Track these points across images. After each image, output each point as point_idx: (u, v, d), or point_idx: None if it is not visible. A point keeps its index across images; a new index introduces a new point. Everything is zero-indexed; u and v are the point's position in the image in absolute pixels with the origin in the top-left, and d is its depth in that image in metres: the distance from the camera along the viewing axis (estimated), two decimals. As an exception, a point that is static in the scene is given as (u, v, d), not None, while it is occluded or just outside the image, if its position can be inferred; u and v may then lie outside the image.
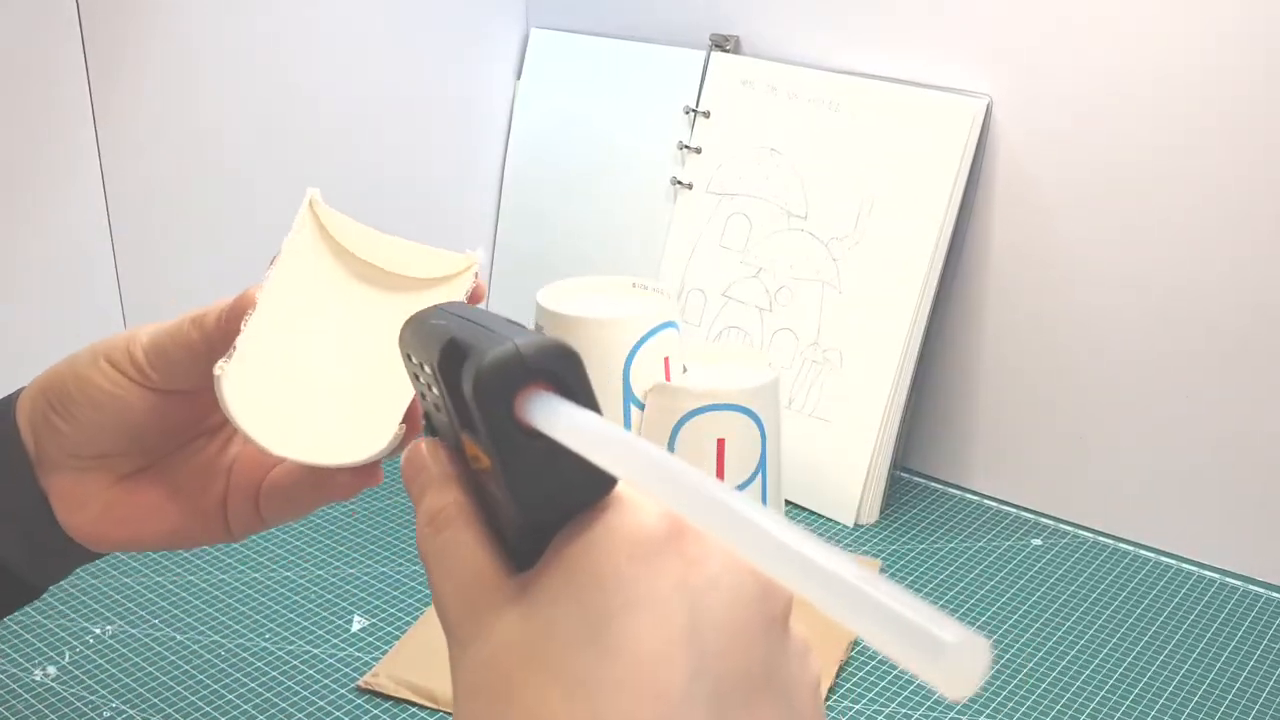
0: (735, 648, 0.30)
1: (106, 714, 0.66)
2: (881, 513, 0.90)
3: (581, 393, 0.31)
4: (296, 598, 0.78)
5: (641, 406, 0.74)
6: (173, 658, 0.71)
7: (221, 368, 0.47)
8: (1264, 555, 0.81)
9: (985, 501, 0.92)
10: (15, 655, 0.71)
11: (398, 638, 0.73)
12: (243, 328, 0.48)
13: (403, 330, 0.37)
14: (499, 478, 0.31)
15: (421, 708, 0.67)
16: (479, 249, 0.53)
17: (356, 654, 0.72)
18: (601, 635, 0.29)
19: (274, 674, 0.70)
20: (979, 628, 0.76)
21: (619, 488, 0.32)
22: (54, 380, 0.50)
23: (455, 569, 0.33)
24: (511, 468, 0.31)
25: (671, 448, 0.73)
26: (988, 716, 0.68)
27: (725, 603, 0.30)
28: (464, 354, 0.32)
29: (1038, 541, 0.87)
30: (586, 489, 0.31)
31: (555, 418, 0.30)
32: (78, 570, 0.56)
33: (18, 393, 0.52)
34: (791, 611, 0.32)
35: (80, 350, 0.51)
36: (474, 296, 0.52)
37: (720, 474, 0.73)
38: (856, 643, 0.74)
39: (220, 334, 0.49)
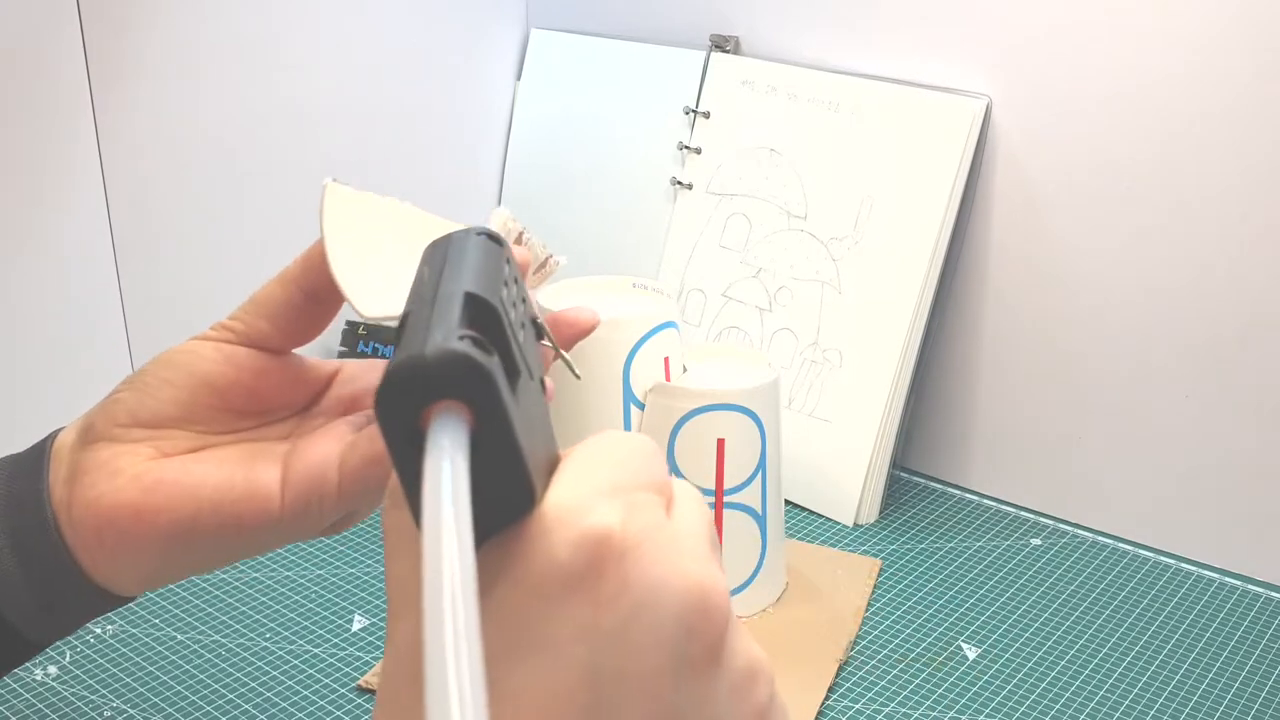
0: (637, 699, 0.28)
1: (107, 713, 0.66)
2: (881, 512, 0.90)
3: (491, 415, 0.27)
4: (297, 597, 0.78)
5: (641, 406, 0.74)
6: (173, 657, 0.71)
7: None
8: (1263, 555, 0.82)
9: (985, 501, 0.92)
10: (16, 655, 0.71)
11: (398, 637, 0.73)
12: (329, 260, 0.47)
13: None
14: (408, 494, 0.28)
15: (422, 707, 0.67)
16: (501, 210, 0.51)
17: (357, 653, 0.72)
18: (490, 679, 0.27)
19: (274, 673, 0.70)
20: (978, 627, 0.76)
21: (545, 506, 0.28)
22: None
23: (399, 550, 0.30)
24: (413, 487, 0.27)
25: (671, 447, 0.73)
26: (987, 716, 0.68)
27: (631, 650, 0.27)
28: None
29: (1037, 541, 0.87)
30: (501, 509, 0.28)
31: (428, 468, 0.26)
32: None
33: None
34: (727, 642, 0.29)
35: None
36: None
37: (720, 474, 0.73)
38: (855, 642, 0.74)
39: (315, 253, 0.47)
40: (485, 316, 0.29)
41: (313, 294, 0.48)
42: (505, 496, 0.28)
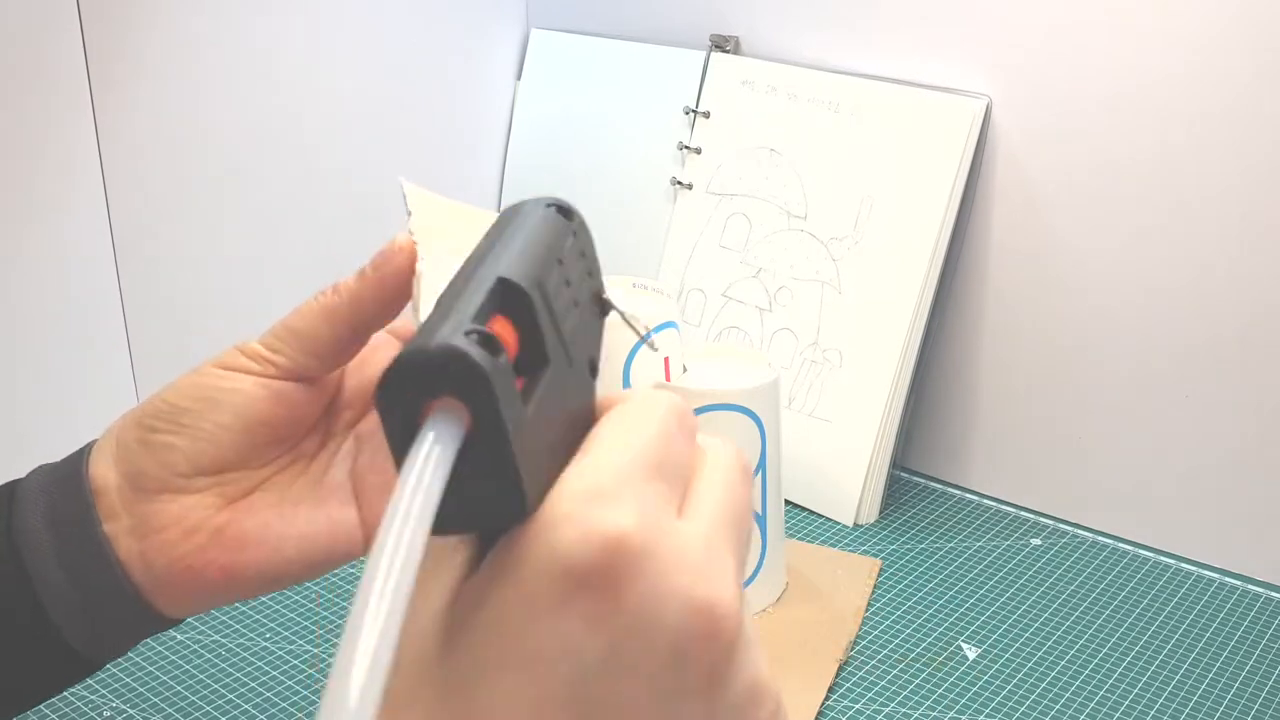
0: None
1: (107, 713, 0.66)
2: (881, 512, 0.90)
3: (486, 419, 0.26)
4: (298, 596, 0.78)
5: (641, 406, 0.74)
6: (173, 657, 0.71)
7: (420, 270, 0.44)
8: (1263, 555, 0.82)
9: (985, 501, 0.92)
10: (16, 655, 0.71)
11: (398, 637, 0.73)
12: (419, 267, 0.45)
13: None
14: None
15: (422, 707, 0.67)
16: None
17: (357, 653, 0.72)
18: (471, 689, 0.27)
19: (274, 673, 0.70)
20: (978, 627, 0.76)
21: (550, 506, 0.27)
22: (147, 407, 0.45)
23: None
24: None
25: (671, 447, 0.73)
26: (987, 716, 0.68)
27: (620, 675, 0.27)
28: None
29: (1037, 541, 0.87)
30: (495, 513, 0.28)
31: (405, 465, 0.26)
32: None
33: (87, 447, 0.47)
34: (732, 663, 0.28)
35: (176, 379, 0.46)
36: None
37: (720, 474, 0.73)
38: (855, 643, 0.74)
39: (367, 287, 0.45)
40: (517, 303, 0.29)
41: (364, 331, 0.46)
42: (497, 500, 0.27)
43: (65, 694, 0.67)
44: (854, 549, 0.85)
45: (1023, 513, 0.90)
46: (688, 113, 0.99)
